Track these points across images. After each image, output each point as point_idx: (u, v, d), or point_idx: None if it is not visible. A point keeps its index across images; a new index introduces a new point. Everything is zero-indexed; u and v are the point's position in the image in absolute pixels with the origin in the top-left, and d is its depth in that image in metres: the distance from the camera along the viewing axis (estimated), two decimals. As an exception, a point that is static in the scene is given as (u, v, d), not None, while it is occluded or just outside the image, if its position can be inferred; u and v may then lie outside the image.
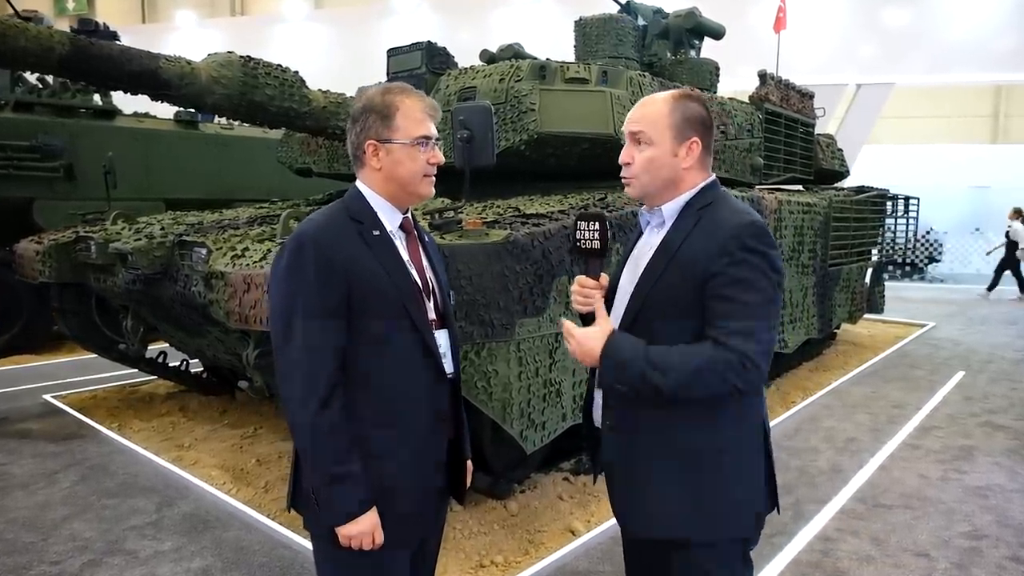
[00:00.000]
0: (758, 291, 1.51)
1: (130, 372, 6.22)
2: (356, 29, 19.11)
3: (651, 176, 1.64)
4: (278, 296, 1.58)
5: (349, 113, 1.71)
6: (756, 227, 1.55)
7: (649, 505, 1.62)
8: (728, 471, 1.60)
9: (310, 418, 1.53)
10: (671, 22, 6.36)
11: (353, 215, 1.64)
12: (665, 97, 1.65)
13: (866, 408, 5.54)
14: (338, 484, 1.55)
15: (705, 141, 1.65)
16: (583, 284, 1.70)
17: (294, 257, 1.56)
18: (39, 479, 4.11)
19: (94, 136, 7.76)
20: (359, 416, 1.60)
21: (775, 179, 6.50)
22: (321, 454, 1.55)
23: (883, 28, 15.80)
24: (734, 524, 1.62)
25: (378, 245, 1.62)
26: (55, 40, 3.51)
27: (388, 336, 1.60)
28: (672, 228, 1.64)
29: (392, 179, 1.66)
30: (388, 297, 1.59)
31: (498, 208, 3.98)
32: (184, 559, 3.18)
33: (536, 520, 3.55)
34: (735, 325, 1.49)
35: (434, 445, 1.71)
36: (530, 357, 3.31)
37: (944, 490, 3.94)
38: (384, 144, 1.63)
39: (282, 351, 1.56)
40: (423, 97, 1.68)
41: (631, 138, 1.66)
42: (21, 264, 5.03)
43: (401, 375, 1.62)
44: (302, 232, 1.58)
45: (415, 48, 5.06)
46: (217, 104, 4.13)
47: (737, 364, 1.47)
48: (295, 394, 1.54)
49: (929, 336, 8.76)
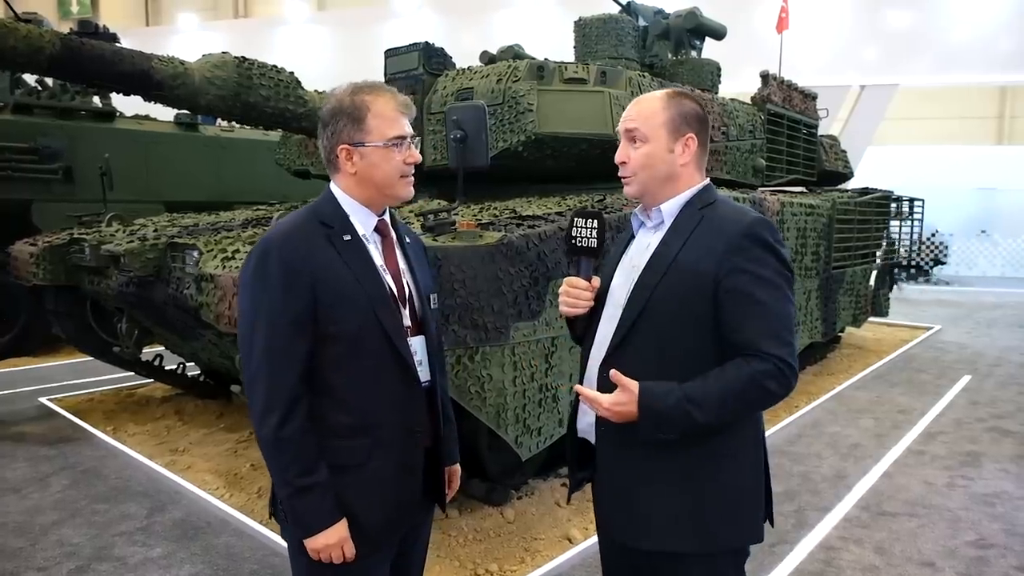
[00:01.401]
0: (776, 288, 1.47)
1: (127, 375, 6.17)
2: (357, 31, 19.09)
3: (649, 173, 1.60)
4: (243, 304, 1.54)
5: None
6: (766, 223, 1.52)
7: (644, 516, 1.57)
8: (727, 481, 1.55)
9: (272, 430, 1.48)
10: (672, 22, 6.31)
11: (323, 219, 1.57)
12: (659, 95, 1.62)
13: (870, 413, 5.47)
14: (303, 497, 1.51)
15: (701, 138, 1.61)
16: (574, 285, 1.65)
17: (259, 264, 1.51)
18: (31, 483, 4.06)
19: (93, 138, 7.73)
20: (327, 425, 1.54)
21: (778, 181, 6.44)
22: (284, 466, 1.50)
23: (887, 29, 15.71)
24: (732, 536, 1.57)
25: (348, 250, 1.56)
26: (45, 40, 3.47)
27: (357, 344, 1.54)
28: (672, 228, 1.59)
29: (368, 183, 1.60)
30: (358, 304, 1.53)
31: (494, 210, 3.92)
32: (173, 566, 3.13)
33: (533, 527, 3.49)
34: (763, 329, 1.44)
35: (408, 455, 1.65)
36: (525, 362, 3.25)
37: (950, 497, 3.86)
38: (357, 147, 1.57)
39: (246, 360, 1.52)
40: (395, 94, 1.62)
41: (626, 136, 1.63)
42: (16, 266, 4.99)
43: (371, 384, 1.56)
44: (267, 238, 1.54)
45: (412, 49, 5.01)
46: (211, 105, 4.09)
47: (775, 371, 1.43)
48: (257, 405, 1.50)
49: (935, 339, 8.68)
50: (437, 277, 2.85)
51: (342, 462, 1.55)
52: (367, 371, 1.56)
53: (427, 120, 4.80)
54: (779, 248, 1.50)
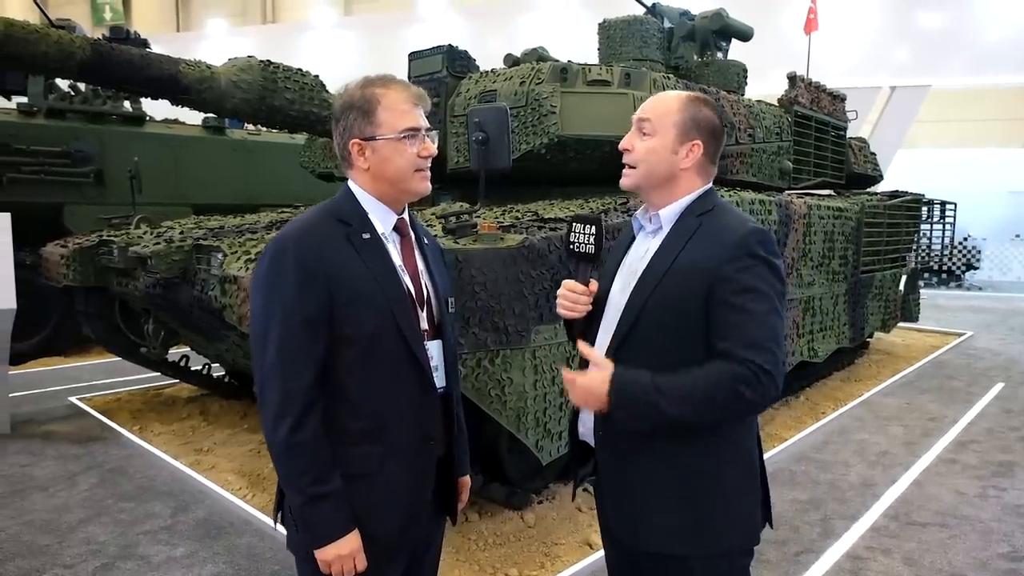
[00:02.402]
0: (764, 299, 1.45)
1: (154, 375, 6.26)
2: (383, 35, 19.23)
3: (648, 167, 1.59)
4: (256, 303, 1.49)
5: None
6: (763, 234, 1.50)
7: (646, 519, 1.57)
8: (727, 485, 1.55)
9: (285, 435, 1.43)
10: (697, 24, 6.24)
11: (341, 217, 1.53)
12: (680, 95, 1.61)
13: (900, 420, 5.35)
14: (316, 505, 1.45)
15: (709, 148, 1.59)
16: (571, 289, 1.64)
17: (273, 263, 1.46)
18: (59, 481, 4.13)
19: (124, 142, 7.87)
20: (340, 431, 1.50)
21: (805, 183, 6.35)
22: (297, 474, 1.45)
23: (918, 29, 15.42)
24: (734, 538, 1.57)
25: (367, 249, 1.51)
26: (76, 45, 3.54)
27: (373, 347, 1.49)
28: (670, 233, 1.58)
29: (381, 178, 1.55)
30: (375, 305, 1.48)
31: (516, 212, 3.91)
32: (196, 565, 3.16)
33: (553, 532, 3.46)
34: (745, 336, 1.42)
35: (422, 463, 1.60)
36: (546, 365, 3.23)
37: (982, 508, 3.76)
38: (368, 142, 1.52)
39: (259, 362, 1.47)
40: (407, 86, 1.56)
41: (636, 125, 1.62)
42: (47, 267, 5.09)
43: (386, 389, 1.52)
44: (283, 236, 1.49)
45: (436, 52, 5.03)
46: (237, 108, 4.14)
47: (750, 377, 1.40)
48: (269, 410, 1.45)
49: (967, 346, 8.48)
50: (457, 280, 2.84)
51: (355, 470, 1.51)
52: (382, 375, 1.51)
53: (450, 122, 4.81)
54: (772, 259, 1.48)
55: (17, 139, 7.16)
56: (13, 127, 7.22)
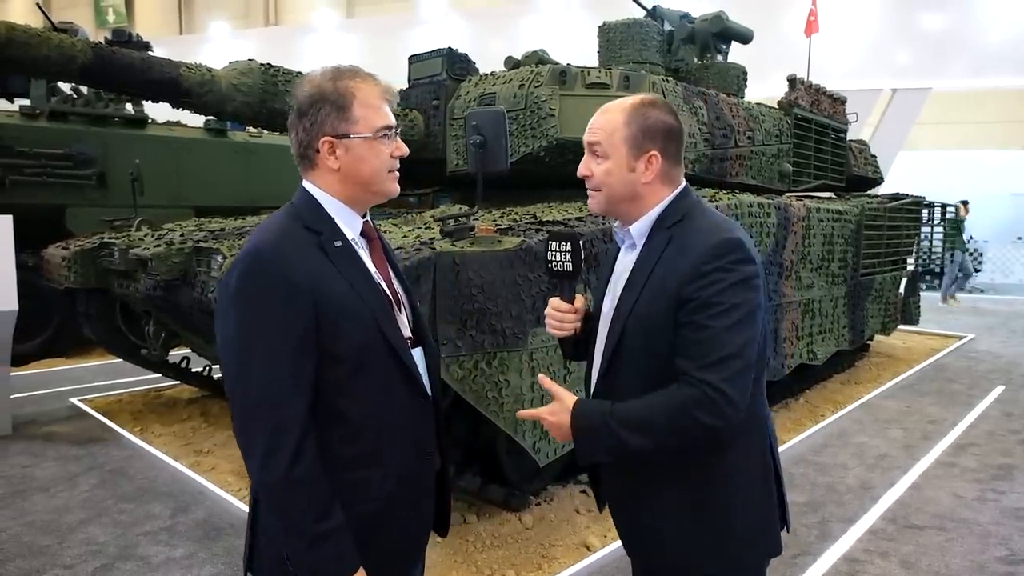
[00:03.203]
0: (725, 314, 1.36)
1: (155, 377, 6.28)
2: (385, 38, 19.25)
3: (609, 191, 1.52)
4: (228, 328, 1.32)
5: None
6: (728, 244, 1.41)
7: (658, 534, 1.53)
8: (739, 494, 1.49)
9: (282, 474, 1.28)
10: (697, 26, 6.25)
11: (308, 224, 1.39)
12: (625, 105, 1.52)
13: (899, 423, 5.35)
14: (323, 545, 1.31)
15: (668, 152, 1.51)
16: (557, 308, 1.61)
17: (249, 278, 1.31)
18: (60, 482, 4.15)
19: (126, 144, 7.89)
20: (335, 458, 1.37)
21: (805, 186, 6.36)
22: (299, 513, 1.30)
23: (919, 31, 15.41)
24: (749, 548, 1.52)
25: (341, 258, 1.38)
26: (77, 49, 3.57)
27: (363, 362, 1.38)
28: (644, 249, 1.52)
29: (353, 179, 1.42)
30: (360, 317, 1.37)
31: (515, 214, 3.92)
32: (195, 566, 3.17)
33: (551, 534, 3.47)
34: (701, 355, 1.35)
35: (424, 480, 1.52)
36: (544, 367, 3.24)
37: (980, 511, 3.76)
38: (342, 140, 1.39)
39: (237, 394, 1.31)
40: (379, 80, 1.46)
41: (588, 149, 1.53)
42: (49, 269, 5.11)
43: (380, 405, 1.41)
44: (255, 249, 1.33)
45: (436, 55, 5.05)
46: (237, 111, 4.17)
47: (703, 398, 1.32)
48: (257, 448, 1.29)
49: (968, 348, 8.47)
50: (454, 282, 2.86)
51: (352, 497, 1.38)
52: (376, 390, 1.40)
53: (450, 125, 4.82)
54: (739, 267, 1.39)
55: (20, 141, 7.19)
56: (16, 129, 7.25)
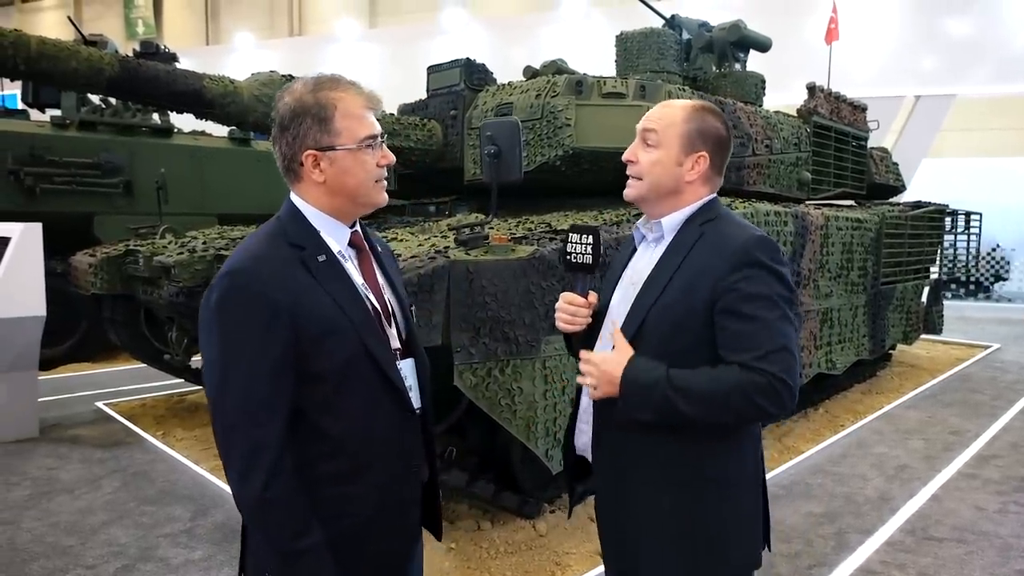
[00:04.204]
0: (773, 306, 1.42)
1: (178, 381, 6.40)
2: (407, 47, 19.43)
3: (652, 180, 1.56)
4: (210, 347, 1.32)
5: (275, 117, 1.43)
6: (767, 241, 1.48)
7: (643, 543, 1.54)
8: (729, 504, 1.51)
9: (256, 492, 1.28)
10: (716, 35, 6.26)
11: (292, 240, 1.37)
12: (685, 104, 1.58)
13: (920, 434, 5.28)
14: (299, 562, 1.31)
15: (715, 159, 1.57)
16: (570, 302, 1.62)
17: (229, 298, 1.30)
18: (84, 484, 4.24)
19: (152, 153, 8.06)
20: (316, 474, 1.36)
21: (824, 194, 6.32)
22: (275, 530, 1.31)
23: (943, 38, 15.22)
24: (736, 560, 1.53)
25: (324, 273, 1.36)
26: (105, 62, 3.67)
27: (345, 379, 1.36)
28: (672, 243, 1.55)
29: (339, 192, 1.41)
30: (343, 334, 1.35)
31: (530, 223, 3.95)
32: (213, 568, 3.23)
33: (565, 541, 3.48)
34: (758, 346, 1.39)
35: (409, 492, 1.51)
36: (556, 375, 3.26)
37: (1002, 524, 3.70)
38: (326, 152, 1.37)
39: (218, 409, 1.31)
40: (361, 88, 1.43)
41: (641, 136, 1.59)
42: (76, 276, 5.24)
43: (364, 420, 1.40)
44: (235, 267, 1.32)
45: (454, 65, 5.11)
46: (259, 122, 4.25)
47: (767, 387, 1.37)
48: (236, 463, 1.30)
49: (993, 358, 8.33)
50: (468, 291, 2.89)
51: (334, 512, 1.37)
52: (358, 407, 1.39)
53: (468, 135, 4.87)
54: (777, 267, 1.45)
55: (50, 151, 7.38)
56: (47, 139, 7.44)
